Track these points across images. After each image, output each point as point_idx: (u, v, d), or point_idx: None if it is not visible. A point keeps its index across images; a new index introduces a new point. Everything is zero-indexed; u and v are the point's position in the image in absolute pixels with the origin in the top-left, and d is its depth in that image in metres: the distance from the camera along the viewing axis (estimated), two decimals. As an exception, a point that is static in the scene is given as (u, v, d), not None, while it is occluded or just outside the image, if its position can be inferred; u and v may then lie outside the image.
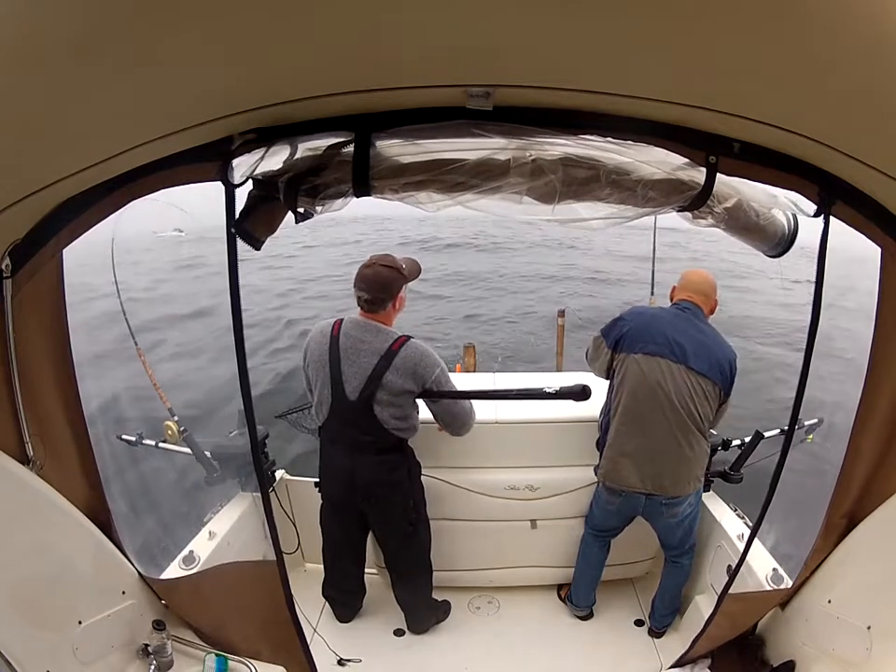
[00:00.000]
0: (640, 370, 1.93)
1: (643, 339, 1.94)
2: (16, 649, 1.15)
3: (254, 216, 1.21)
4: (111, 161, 1.00)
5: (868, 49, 0.67)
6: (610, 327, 2.05)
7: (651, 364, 1.91)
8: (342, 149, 1.11)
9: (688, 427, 1.90)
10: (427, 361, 1.84)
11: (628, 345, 1.97)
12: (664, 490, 1.94)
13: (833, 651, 1.43)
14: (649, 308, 2.16)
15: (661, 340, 1.92)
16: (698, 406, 1.89)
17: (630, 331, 1.97)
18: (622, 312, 2.08)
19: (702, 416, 1.90)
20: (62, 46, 0.65)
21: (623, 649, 2.12)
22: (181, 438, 2.10)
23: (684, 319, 1.97)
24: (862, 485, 1.44)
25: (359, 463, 1.90)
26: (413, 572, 2.11)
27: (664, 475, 1.93)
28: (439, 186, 1.13)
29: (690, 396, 1.88)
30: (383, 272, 1.83)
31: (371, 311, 1.87)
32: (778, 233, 1.37)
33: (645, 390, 1.92)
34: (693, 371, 1.88)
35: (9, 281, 1.20)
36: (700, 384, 1.89)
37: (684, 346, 1.90)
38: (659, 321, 1.98)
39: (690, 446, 1.91)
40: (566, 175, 1.12)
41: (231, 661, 1.61)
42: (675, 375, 1.89)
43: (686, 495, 1.95)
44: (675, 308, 2.03)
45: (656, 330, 1.94)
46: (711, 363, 1.90)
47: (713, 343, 1.94)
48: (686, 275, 2.10)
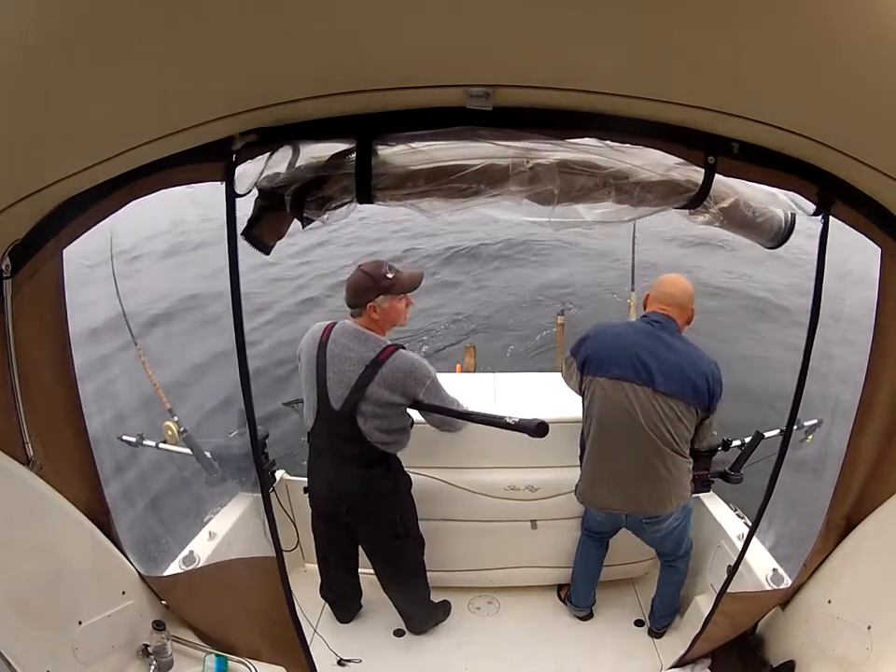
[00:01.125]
0: (606, 395, 1.85)
1: (607, 361, 1.85)
2: (16, 649, 1.15)
3: (261, 223, 1.22)
4: (111, 161, 1.00)
5: (868, 50, 0.67)
6: (577, 346, 1.97)
7: (616, 389, 1.82)
8: (344, 159, 1.12)
9: (661, 450, 1.81)
10: (416, 374, 1.79)
11: (594, 368, 1.88)
12: (642, 510, 1.91)
13: (833, 651, 1.43)
14: (614, 325, 2.02)
15: (625, 361, 1.82)
16: (670, 428, 1.80)
17: (594, 353, 1.89)
18: (587, 330, 2.00)
19: (676, 438, 1.81)
20: (61, 46, 0.65)
21: (623, 649, 2.12)
22: (181, 438, 2.10)
23: (651, 336, 1.85)
24: (862, 485, 1.44)
25: (342, 475, 1.87)
26: (405, 582, 2.10)
27: (640, 497, 1.89)
28: (441, 194, 1.14)
29: (659, 418, 1.79)
30: (358, 277, 1.82)
31: (354, 315, 1.85)
32: (775, 228, 1.37)
33: (612, 416, 1.85)
34: (660, 393, 1.78)
35: (9, 281, 1.19)
36: (670, 405, 1.79)
37: (650, 367, 1.79)
38: (623, 340, 1.87)
39: (666, 468, 1.83)
40: (563, 182, 1.13)
41: (231, 661, 1.60)
42: (641, 399, 1.79)
43: (668, 513, 1.91)
44: (643, 322, 1.91)
45: (621, 350, 1.84)
46: (682, 382, 1.78)
47: (684, 360, 1.81)
48: (661, 284, 1.95)
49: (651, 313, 1.92)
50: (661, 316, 1.88)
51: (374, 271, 1.81)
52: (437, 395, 1.85)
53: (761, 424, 2.23)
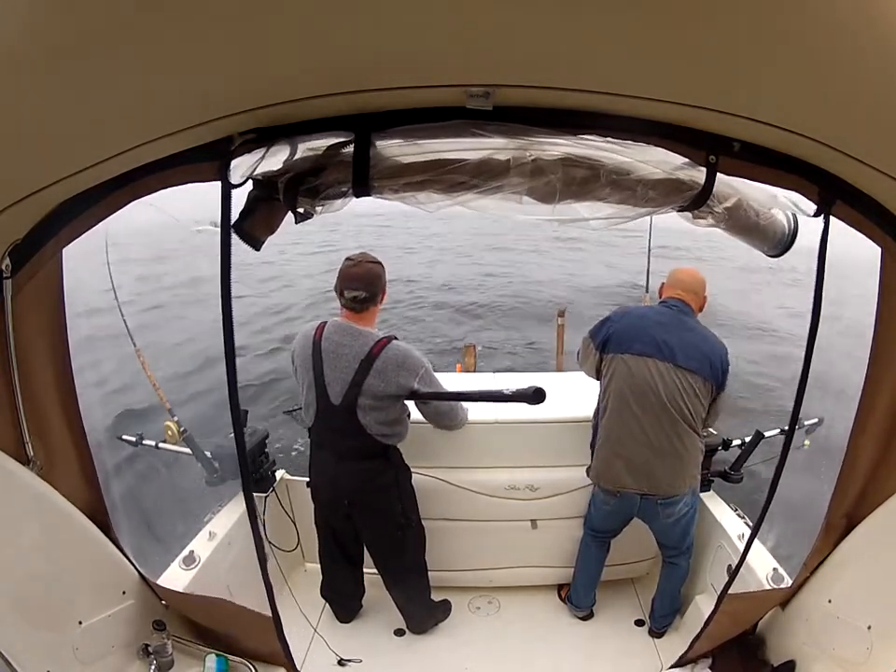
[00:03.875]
0: (628, 369, 1.92)
1: (630, 339, 1.94)
2: (16, 649, 1.15)
3: (254, 216, 1.20)
4: (111, 161, 1.00)
5: (868, 50, 0.67)
6: (598, 328, 2.04)
7: (639, 364, 1.91)
8: (341, 149, 1.11)
9: (679, 424, 1.90)
10: (409, 364, 1.81)
11: (615, 346, 1.97)
12: (658, 489, 1.94)
13: (834, 650, 1.43)
14: (635, 308, 2.15)
15: (647, 339, 1.92)
16: (688, 404, 1.89)
17: (617, 332, 1.97)
18: (608, 313, 2.07)
19: (693, 414, 1.90)
20: (61, 46, 0.64)
21: (623, 649, 2.12)
22: (181, 438, 2.10)
23: (671, 317, 1.97)
24: (862, 485, 1.44)
25: (343, 469, 1.89)
26: (406, 577, 2.10)
27: (657, 474, 1.93)
28: (439, 186, 1.12)
29: (679, 394, 1.88)
30: (373, 268, 1.83)
31: (360, 310, 1.84)
32: (778, 233, 1.37)
33: (634, 390, 1.91)
34: (681, 368, 1.88)
35: (9, 281, 1.19)
36: (689, 381, 1.88)
37: (671, 344, 1.90)
38: (645, 320, 1.98)
39: (683, 444, 1.91)
40: (565, 174, 1.12)
41: (231, 661, 1.61)
42: (663, 374, 1.89)
43: (682, 494, 1.95)
44: (662, 306, 2.03)
45: (643, 330, 1.94)
46: (700, 359, 1.89)
47: (701, 339, 1.93)
48: (675, 273, 2.08)
49: (668, 298, 2.03)
50: (678, 301, 2.00)
51: (377, 259, 1.86)
52: (431, 383, 1.87)
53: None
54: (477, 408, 2.09)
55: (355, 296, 1.82)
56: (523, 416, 2.22)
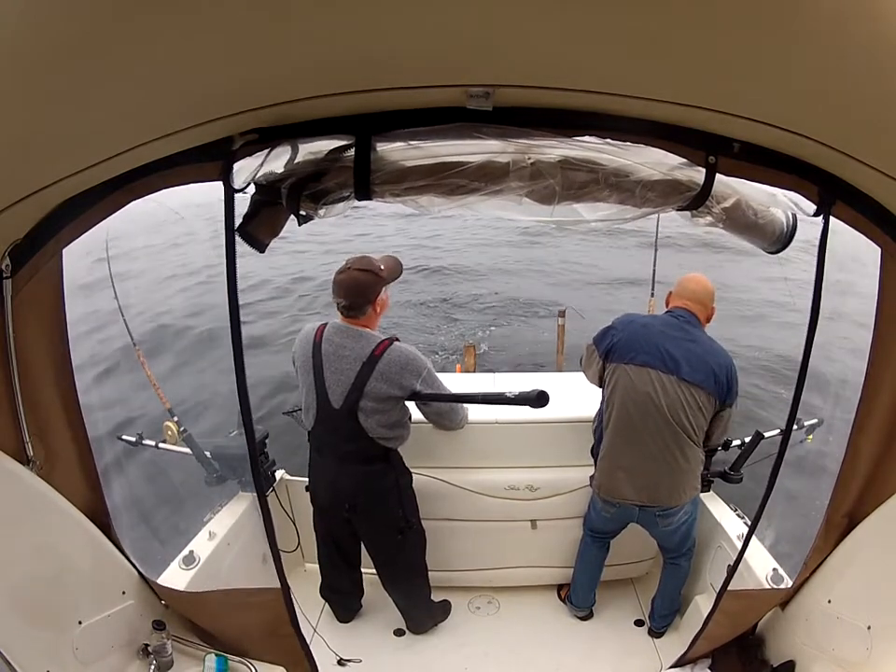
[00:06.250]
0: (631, 380, 1.89)
1: (633, 349, 1.90)
2: (16, 649, 1.15)
3: (257, 219, 1.21)
4: (111, 161, 1.00)
5: (868, 50, 0.67)
6: (602, 335, 2.01)
7: (642, 375, 1.88)
8: (343, 154, 1.12)
9: (681, 438, 1.86)
10: (412, 365, 1.80)
11: (618, 355, 1.93)
12: (658, 501, 1.93)
13: (833, 650, 1.43)
14: (640, 316, 2.10)
15: (651, 350, 1.88)
16: (690, 417, 1.85)
17: (620, 341, 1.93)
18: (612, 321, 2.03)
19: (695, 427, 1.86)
20: (61, 45, 0.64)
21: (623, 649, 2.12)
22: (181, 438, 2.10)
23: (676, 328, 1.91)
24: (862, 485, 1.44)
25: (343, 472, 1.87)
26: (406, 578, 2.10)
27: (658, 487, 1.91)
28: (440, 190, 1.13)
29: (682, 407, 1.84)
30: (359, 276, 1.78)
31: (351, 316, 1.82)
32: (777, 231, 1.37)
33: (636, 402, 1.88)
34: (684, 381, 1.84)
35: (9, 281, 1.19)
36: (693, 394, 1.84)
37: (675, 356, 1.85)
38: (650, 330, 1.93)
39: (685, 457, 1.88)
40: (564, 178, 1.12)
41: (231, 661, 1.60)
42: (666, 386, 1.85)
43: (681, 504, 1.94)
44: (667, 316, 1.97)
45: (647, 340, 1.90)
46: (705, 372, 1.85)
47: (707, 351, 1.88)
48: (682, 282, 2.02)
49: (674, 308, 1.98)
50: (684, 311, 1.95)
51: (370, 266, 1.79)
52: (433, 384, 1.86)
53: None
54: (477, 408, 2.09)
55: (338, 303, 1.81)
56: (522, 417, 2.21)
